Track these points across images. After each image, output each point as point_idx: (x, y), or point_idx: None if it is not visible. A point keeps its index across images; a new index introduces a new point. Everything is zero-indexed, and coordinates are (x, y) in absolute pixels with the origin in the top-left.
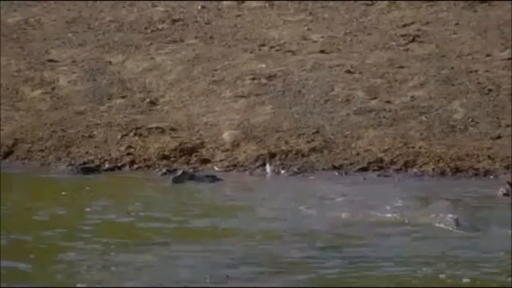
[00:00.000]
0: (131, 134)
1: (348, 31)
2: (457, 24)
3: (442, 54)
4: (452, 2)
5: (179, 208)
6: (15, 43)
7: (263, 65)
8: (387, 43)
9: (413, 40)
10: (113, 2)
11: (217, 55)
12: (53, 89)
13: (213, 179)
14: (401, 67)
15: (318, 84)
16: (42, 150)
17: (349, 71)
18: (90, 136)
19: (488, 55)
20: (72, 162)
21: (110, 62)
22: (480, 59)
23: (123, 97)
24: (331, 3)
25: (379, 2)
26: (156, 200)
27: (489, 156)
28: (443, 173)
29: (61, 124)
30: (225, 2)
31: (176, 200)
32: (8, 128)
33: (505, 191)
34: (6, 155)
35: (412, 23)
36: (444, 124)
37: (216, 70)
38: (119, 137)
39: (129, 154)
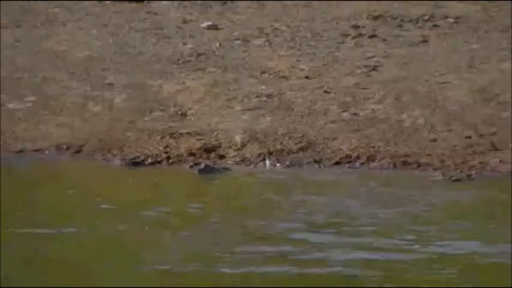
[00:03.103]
0: (167, 137)
1: (326, 62)
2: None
3: (395, 79)
4: (403, 40)
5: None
6: (83, 71)
7: (264, 87)
8: (354, 71)
9: (373, 69)
10: (155, 40)
11: (230, 80)
12: (111, 105)
13: (227, 170)
14: (364, 88)
15: (304, 101)
16: (102, 149)
17: (326, 91)
18: (138, 139)
19: (427, 79)
20: (124, 157)
21: (152, 86)
22: (427, 82)
23: (161, 110)
24: (313, 43)
25: (348, 41)
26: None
27: (428, 154)
28: (395, 166)
29: (119, 130)
30: (236, 41)
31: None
32: (78, 133)
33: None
34: (76, 152)
35: (373, 56)
36: (397, 130)
37: (229, 91)
38: (158, 139)
39: (165, 152)
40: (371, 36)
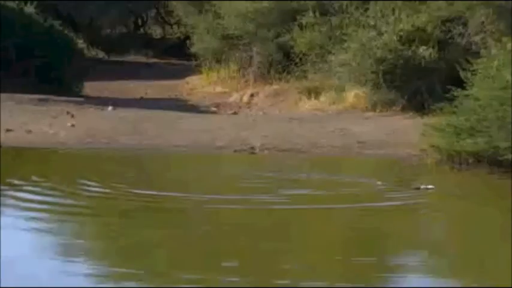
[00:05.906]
0: (241, 144)
1: (283, 129)
2: None
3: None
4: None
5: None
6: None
7: (264, 133)
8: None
9: (291, 131)
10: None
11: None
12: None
13: (256, 153)
14: (292, 136)
15: (277, 137)
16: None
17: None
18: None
19: None
20: (231, 148)
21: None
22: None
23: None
24: (273, 123)
25: (289, 123)
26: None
27: (300, 147)
28: (286, 151)
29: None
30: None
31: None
32: (216, 143)
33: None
34: (222, 148)
35: (293, 130)
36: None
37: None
38: (239, 145)
39: (241, 148)
40: (300, 123)
